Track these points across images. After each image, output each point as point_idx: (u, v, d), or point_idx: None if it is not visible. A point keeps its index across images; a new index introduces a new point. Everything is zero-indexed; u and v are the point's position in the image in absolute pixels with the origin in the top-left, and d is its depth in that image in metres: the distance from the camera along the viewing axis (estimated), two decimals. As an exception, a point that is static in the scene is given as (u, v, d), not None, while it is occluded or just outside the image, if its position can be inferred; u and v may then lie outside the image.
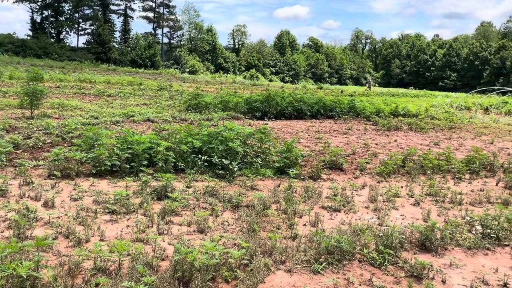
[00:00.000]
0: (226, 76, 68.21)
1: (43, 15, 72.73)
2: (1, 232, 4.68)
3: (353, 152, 10.80)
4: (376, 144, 12.58)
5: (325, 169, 8.87)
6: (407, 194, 7.48)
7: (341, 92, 41.65)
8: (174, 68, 70.13)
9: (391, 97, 37.95)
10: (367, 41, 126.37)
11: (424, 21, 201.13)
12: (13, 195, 5.93)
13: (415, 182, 8.38)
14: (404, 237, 5.09)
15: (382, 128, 16.42)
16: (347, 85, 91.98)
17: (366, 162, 9.57)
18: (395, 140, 13.57)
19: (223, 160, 8.00)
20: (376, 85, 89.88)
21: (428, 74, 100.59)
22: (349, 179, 8.43)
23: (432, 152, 10.27)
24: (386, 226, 5.50)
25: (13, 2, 73.03)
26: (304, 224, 5.66)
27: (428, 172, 9.16)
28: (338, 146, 11.42)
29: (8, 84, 21.42)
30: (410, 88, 70.62)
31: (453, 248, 5.20)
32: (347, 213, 6.29)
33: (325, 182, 8.07)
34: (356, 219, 5.96)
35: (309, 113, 18.49)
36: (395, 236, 4.90)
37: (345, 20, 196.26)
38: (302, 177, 8.17)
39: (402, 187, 7.97)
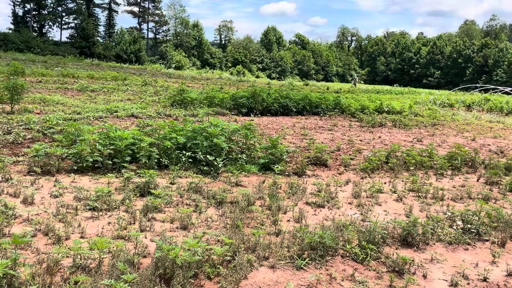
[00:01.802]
0: (213, 72, 67.86)
1: (25, 9, 71.22)
2: (-22, 229, 4.56)
3: (337, 148, 10.85)
4: (361, 140, 12.67)
5: (310, 165, 8.89)
6: (390, 190, 7.55)
7: (327, 88, 41.83)
8: (160, 64, 69.47)
9: (376, 94, 38.25)
10: (353, 38, 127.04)
11: (408, 19, 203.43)
12: (-9, 192, 5.78)
13: (398, 178, 8.46)
14: (387, 232, 5.13)
15: (367, 124, 16.54)
16: (333, 82, 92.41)
17: (351, 159, 9.62)
18: (379, 137, 13.68)
19: (208, 156, 7.95)
20: (362, 82, 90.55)
21: (413, 71, 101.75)
22: (333, 175, 8.46)
23: (415, 149, 10.39)
24: (369, 221, 5.54)
25: (-6, -5, 71.25)
26: (288, 220, 5.66)
27: (411, 168, 9.25)
28: (323, 143, 11.46)
29: (-12, 78, 20.91)
30: (395, 85, 71.46)
31: (434, 243, 5.27)
32: (331, 209, 6.31)
33: (309, 178, 8.09)
34: (339, 215, 5.99)
35: (295, 110, 18.53)
36: (378, 231, 4.93)
37: (332, 17, 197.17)
38: (287, 173, 8.18)
39: (385, 183, 8.04)
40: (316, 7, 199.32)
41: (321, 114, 19.22)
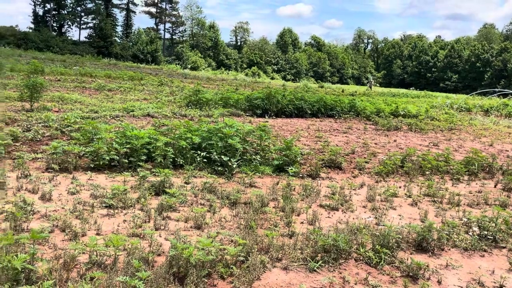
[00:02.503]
0: (228, 73, 68.11)
1: (46, 8, 72.58)
2: (-2, 224, 4.68)
3: (352, 151, 10.79)
4: (376, 143, 12.57)
5: (324, 168, 8.86)
6: (405, 194, 7.48)
7: (342, 91, 41.62)
8: (176, 64, 70.06)
9: (392, 97, 37.90)
10: (369, 40, 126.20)
11: (426, 22, 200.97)
12: (11, 188, 5.91)
13: (413, 183, 8.37)
14: (401, 237, 5.09)
15: (382, 128, 16.40)
16: (349, 84, 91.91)
17: (365, 162, 9.56)
18: (395, 140, 13.55)
19: (222, 156, 7.99)
20: (377, 85, 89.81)
21: (430, 75, 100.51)
22: (347, 178, 8.42)
23: (431, 153, 10.26)
24: (383, 225, 5.50)
25: (16, -5, 72.80)
26: (302, 222, 5.65)
27: (427, 172, 9.15)
28: (337, 145, 11.41)
29: (9, 76, 21.37)
30: (411, 88, 70.58)
31: (449, 249, 5.20)
32: (345, 212, 6.28)
33: (323, 180, 8.06)
34: (353, 218, 5.96)
35: (309, 112, 18.48)
36: (392, 235, 4.90)
37: (348, 20, 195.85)
38: (301, 175, 8.16)
39: (400, 187, 7.97)
40: (332, 10, 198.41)
41: (336, 117, 19.12)
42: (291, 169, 8.05)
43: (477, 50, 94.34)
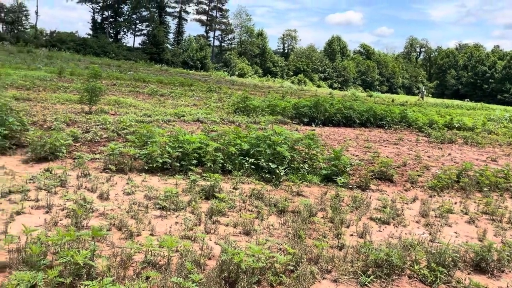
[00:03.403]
0: (274, 80, 68.42)
1: (104, 16, 76.46)
2: (60, 220, 4.95)
3: (404, 163, 10.46)
4: (429, 156, 12.11)
5: (374, 180, 8.65)
6: (461, 211, 7.14)
7: (392, 101, 40.54)
8: (223, 71, 71.34)
9: (445, 108, 36.41)
10: (421, 49, 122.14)
11: (484, 31, 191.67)
12: (72, 186, 6.25)
13: (470, 199, 7.98)
14: (458, 255, 4.85)
15: (435, 140, 15.79)
16: (398, 94, 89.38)
17: (418, 175, 9.23)
18: (449, 154, 13.00)
19: (270, 164, 8.02)
20: (429, 95, 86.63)
21: (486, 86, 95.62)
22: (399, 191, 8.17)
23: (489, 168, 9.74)
24: (438, 242, 5.28)
25: (77, 2, 77.36)
26: (351, 235, 5.54)
27: (485, 189, 8.68)
28: (388, 157, 11.10)
29: (69, 80, 22.67)
30: (466, 100, 67.57)
31: (510, 271, 4.90)
32: (396, 226, 6.09)
33: (373, 192, 7.87)
34: (406, 233, 5.76)
35: (358, 121, 18.14)
36: (448, 253, 4.69)
37: (399, 27, 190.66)
38: (350, 186, 8.01)
39: (455, 203, 7.62)
40: (383, 17, 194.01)
41: (386, 127, 18.64)
42: (340, 180, 7.92)
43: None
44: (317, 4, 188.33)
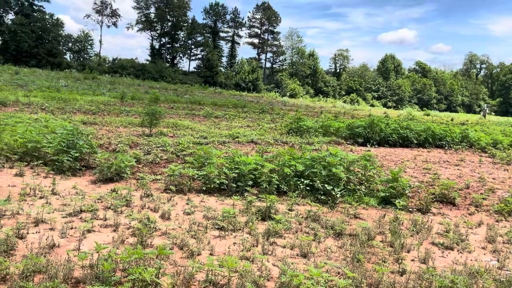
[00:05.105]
0: (326, 100, 68.03)
1: (161, 42, 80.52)
2: (126, 238, 5.23)
3: (466, 186, 9.96)
4: (494, 178, 11.44)
5: (435, 203, 8.31)
6: (534, 237, 6.66)
7: (452, 120, 38.80)
8: (275, 92, 72.11)
9: (511, 127, 34.24)
10: (482, 66, 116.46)
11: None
12: (136, 205, 6.59)
13: (543, 225, 7.42)
14: (532, 286, 4.54)
15: (501, 161, 14.89)
16: (458, 112, 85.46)
17: (483, 198, 8.75)
18: (517, 176, 12.19)
19: (326, 185, 7.97)
20: (492, 113, 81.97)
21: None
22: (462, 215, 7.78)
23: None
24: (508, 270, 4.97)
25: (137, 31, 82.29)
26: (413, 260, 5.36)
27: (560, 214, 8.04)
28: (449, 179, 10.63)
29: (130, 104, 24.00)
30: (533, 117, 63.09)
31: None
32: (461, 252, 5.81)
33: (435, 216, 7.56)
34: (471, 260, 5.48)
35: (415, 141, 17.55)
36: (521, 284, 4.40)
37: (457, 44, 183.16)
38: (409, 209, 7.77)
39: (526, 229, 7.12)
40: (439, 34, 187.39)
41: (446, 148, 17.86)
42: (399, 202, 7.69)
43: None
44: (369, 24, 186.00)
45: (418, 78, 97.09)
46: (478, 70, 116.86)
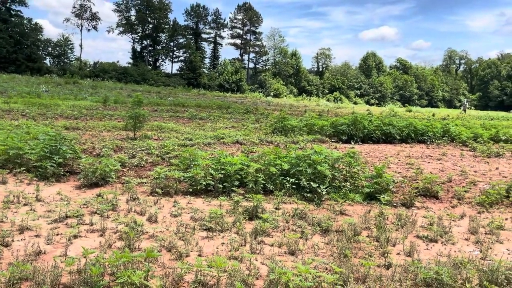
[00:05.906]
0: (310, 99, 68.51)
1: (143, 45, 79.94)
2: (114, 242, 5.21)
3: (449, 179, 10.17)
4: (475, 171, 11.71)
5: (419, 197, 8.47)
6: (514, 227, 6.85)
7: (433, 115, 39.50)
8: (259, 92, 72.32)
9: (490, 121, 35.04)
10: (461, 61, 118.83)
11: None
12: (122, 209, 6.56)
13: (522, 215, 7.64)
14: (513, 274, 4.68)
15: (481, 154, 15.23)
16: (439, 107, 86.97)
17: (465, 191, 8.95)
18: (497, 168, 12.50)
19: (311, 183, 8.05)
20: (472, 108, 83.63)
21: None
22: (445, 208, 7.96)
23: (542, 182, 9.28)
24: (490, 260, 5.11)
25: (118, 34, 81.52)
26: (398, 253, 5.46)
27: (538, 204, 8.29)
28: (431, 173, 10.84)
29: (113, 107, 23.78)
30: (511, 111, 64.61)
31: None
32: (445, 244, 5.94)
33: (419, 210, 7.71)
34: (455, 251, 5.62)
35: (398, 137, 17.82)
36: (501, 271, 4.53)
37: (437, 40, 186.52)
38: (393, 204, 7.90)
39: (506, 219, 7.32)
40: (419, 31, 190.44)
41: (428, 142, 18.19)
42: (384, 197, 7.82)
43: None
44: (350, 22, 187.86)
45: (399, 75, 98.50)
46: (458, 65, 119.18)
